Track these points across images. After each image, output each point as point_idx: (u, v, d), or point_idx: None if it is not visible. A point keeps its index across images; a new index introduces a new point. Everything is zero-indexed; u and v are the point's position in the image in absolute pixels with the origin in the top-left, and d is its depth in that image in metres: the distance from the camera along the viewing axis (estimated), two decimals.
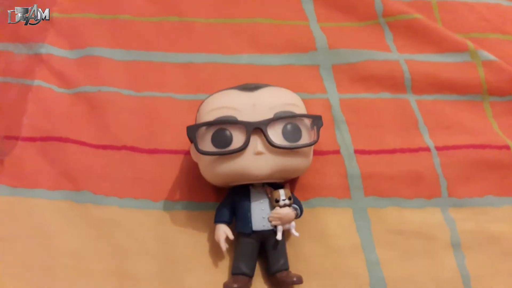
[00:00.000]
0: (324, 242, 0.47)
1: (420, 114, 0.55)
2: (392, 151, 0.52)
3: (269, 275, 0.44)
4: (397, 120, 0.55)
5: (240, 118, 0.44)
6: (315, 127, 0.45)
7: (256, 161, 0.43)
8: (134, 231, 0.47)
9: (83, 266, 0.45)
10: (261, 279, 0.45)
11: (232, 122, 0.44)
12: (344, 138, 0.53)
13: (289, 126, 0.44)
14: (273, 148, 0.43)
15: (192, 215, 0.48)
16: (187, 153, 0.51)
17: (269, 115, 0.44)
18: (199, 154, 0.44)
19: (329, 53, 0.60)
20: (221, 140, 0.43)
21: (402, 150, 0.52)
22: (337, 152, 0.52)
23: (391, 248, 0.47)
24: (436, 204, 0.50)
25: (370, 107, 0.56)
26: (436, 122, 0.55)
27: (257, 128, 0.43)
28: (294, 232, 0.44)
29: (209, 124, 0.44)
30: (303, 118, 0.46)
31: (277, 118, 0.44)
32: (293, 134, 0.44)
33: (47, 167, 0.50)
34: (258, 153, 0.43)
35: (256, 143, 0.43)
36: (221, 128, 0.44)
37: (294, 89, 0.49)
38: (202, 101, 0.48)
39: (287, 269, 0.44)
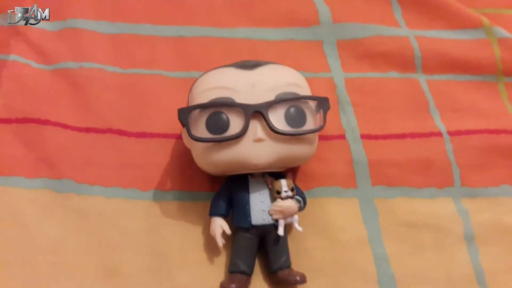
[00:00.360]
0: (328, 235, 0.44)
1: (431, 96, 0.52)
2: (401, 136, 0.49)
3: (270, 273, 0.41)
4: (406, 101, 0.51)
5: (238, 100, 0.39)
6: (321, 111, 0.41)
7: (255, 149, 0.39)
8: (121, 223, 0.43)
9: (65, 262, 0.41)
10: (261, 278, 0.41)
11: (229, 104, 0.39)
12: (349, 122, 0.50)
13: (292, 110, 0.40)
14: (274, 134, 0.39)
15: (185, 206, 0.45)
16: (179, 137, 0.47)
17: (270, 96, 0.40)
18: (191, 140, 0.40)
19: (333, 28, 0.56)
20: (217, 124, 0.39)
21: (412, 135, 0.49)
22: (342, 137, 0.49)
23: (400, 242, 0.44)
24: (448, 194, 0.46)
25: (377, 87, 0.52)
26: (448, 104, 0.51)
27: (257, 112, 0.39)
28: (297, 226, 0.41)
29: (203, 106, 0.40)
30: (308, 100, 0.41)
31: (279, 101, 0.39)
32: (296, 118, 0.40)
33: (24, 152, 0.46)
34: (258, 140, 0.39)
35: (256, 128, 0.39)
36: (217, 111, 0.39)
37: (295, 67, 0.45)
38: (195, 80, 0.43)
39: (289, 266, 0.41)
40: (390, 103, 0.51)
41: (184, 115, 0.40)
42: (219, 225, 0.41)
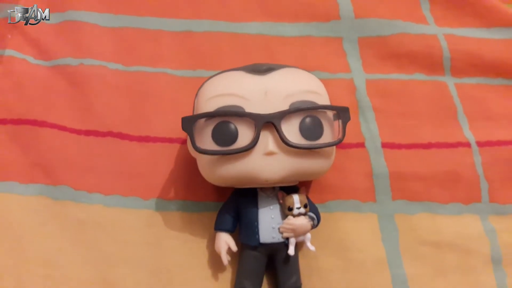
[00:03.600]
0: (343, 254, 0.41)
1: (459, 101, 0.48)
2: (427, 146, 0.45)
3: None
4: (432, 107, 0.47)
5: (248, 109, 0.36)
6: (340, 122, 0.37)
7: (266, 163, 0.36)
8: (121, 235, 0.41)
9: (59, 275, 0.39)
10: None
11: (238, 114, 0.36)
12: (370, 128, 0.46)
13: (308, 120, 0.36)
14: (287, 147, 0.35)
15: (188, 217, 0.42)
16: (184, 142, 0.44)
17: (284, 105, 0.36)
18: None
19: (354, 23, 0.51)
20: (224, 136, 0.36)
21: (438, 145, 0.45)
22: (361, 145, 0.45)
23: (421, 263, 0.41)
24: (474, 211, 0.43)
25: (401, 90, 0.48)
26: (478, 112, 0.47)
27: (269, 122, 0.35)
28: (309, 245, 0.38)
29: (209, 115, 0.36)
30: (326, 110, 0.37)
31: (294, 110, 0.36)
32: (312, 130, 0.36)
33: (19, 156, 0.43)
34: (269, 153, 0.35)
35: (267, 140, 0.35)
36: (224, 120, 0.36)
37: (312, 66, 0.42)
38: (202, 84, 0.40)
39: (299, 287, 0.38)
40: (415, 109, 0.47)
41: (188, 124, 0.36)
42: (225, 241, 0.38)
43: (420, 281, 0.40)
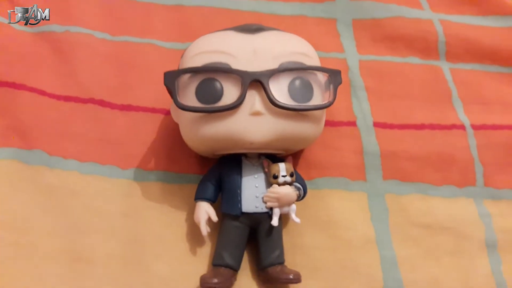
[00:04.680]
0: (330, 232, 0.39)
1: (454, 85, 0.47)
2: (420, 127, 0.44)
3: (259, 269, 0.36)
4: (426, 90, 0.47)
5: (235, 66, 0.34)
6: (331, 86, 0.36)
7: (252, 124, 0.34)
8: (95, 203, 0.39)
9: (27, 243, 0.36)
10: (249, 274, 0.37)
11: (224, 70, 0.34)
12: (362, 108, 0.45)
13: (297, 82, 0.35)
14: (275, 108, 0.34)
15: (168, 189, 0.40)
16: (168, 112, 0.42)
17: (273, 65, 0.34)
18: (179, 111, 0.35)
19: (349, 5, 0.51)
20: (208, 93, 0.34)
21: (432, 126, 0.44)
22: (352, 123, 0.44)
23: (412, 245, 0.39)
24: (469, 194, 0.42)
25: (395, 72, 0.47)
26: (473, 97, 0.47)
27: (256, 81, 0.33)
28: (294, 217, 0.36)
29: (193, 70, 0.35)
30: (316, 72, 0.36)
31: (283, 70, 0.34)
32: (302, 91, 0.35)
33: None
34: (256, 113, 0.34)
35: (254, 100, 0.34)
36: (210, 77, 0.34)
37: None
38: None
39: (282, 263, 0.36)
40: (409, 91, 0.46)
41: (171, 79, 0.34)
42: (205, 211, 0.36)
43: (410, 262, 0.38)
